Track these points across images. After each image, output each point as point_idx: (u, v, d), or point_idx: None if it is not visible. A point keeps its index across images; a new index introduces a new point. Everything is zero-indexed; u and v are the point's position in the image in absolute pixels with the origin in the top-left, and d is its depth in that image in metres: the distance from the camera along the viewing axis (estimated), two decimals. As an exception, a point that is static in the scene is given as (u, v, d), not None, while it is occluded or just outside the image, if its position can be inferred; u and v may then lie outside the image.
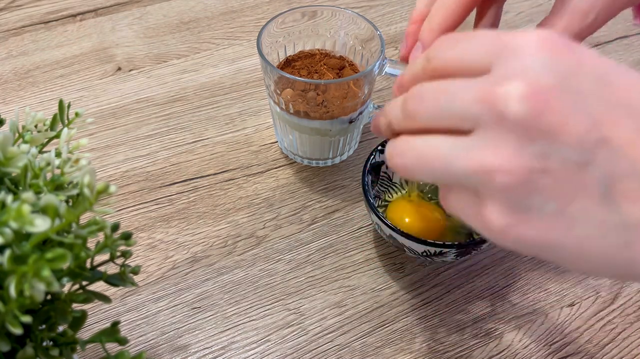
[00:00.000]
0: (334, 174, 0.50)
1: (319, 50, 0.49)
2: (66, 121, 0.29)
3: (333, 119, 0.45)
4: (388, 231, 0.39)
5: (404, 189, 0.46)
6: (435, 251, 0.39)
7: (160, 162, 0.51)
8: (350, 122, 0.46)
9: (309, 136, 0.46)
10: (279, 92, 0.44)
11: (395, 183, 0.46)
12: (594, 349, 0.40)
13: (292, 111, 0.45)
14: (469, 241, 0.38)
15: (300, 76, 0.46)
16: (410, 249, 0.40)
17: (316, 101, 0.43)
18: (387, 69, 0.45)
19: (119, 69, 0.59)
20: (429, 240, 0.38)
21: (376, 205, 0.41)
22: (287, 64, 0.48)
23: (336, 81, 0.43)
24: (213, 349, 0.40)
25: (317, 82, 0.43)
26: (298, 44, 0.49)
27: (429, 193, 0.46)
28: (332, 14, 0.48)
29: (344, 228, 0.47)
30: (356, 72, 0.48)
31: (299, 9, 0.47)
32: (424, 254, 0.40)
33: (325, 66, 0.48)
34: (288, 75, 0.42)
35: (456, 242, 0.38)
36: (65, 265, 0.20)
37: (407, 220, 0.42)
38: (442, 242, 0.38)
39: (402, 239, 0.39)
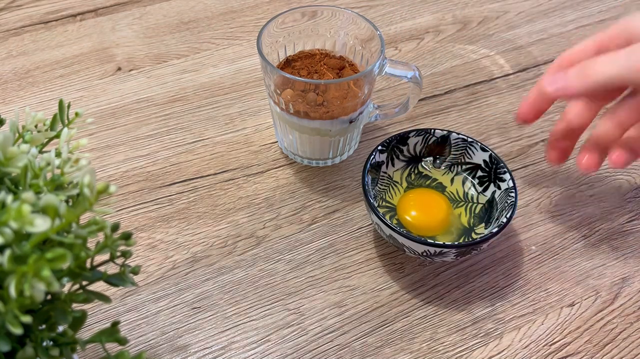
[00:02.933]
0: (334, 174, 0.50)
1: (319, 50, 0.49)
2: (66, 121, 0.29)
3: (333, 119, 0.45)
4: (388, 231, 0.39)
5: (401, 187, 0.46)
6: (435, 251, 0.39)
7: (160, 162, 0.51)
8: (351, 122, 0.46)
9: (309, 136, 0.46)
10: (279, 92, 0.44)
11: (397, 182, 0.46)
12: (594, 349, 0.40)
13: (292, 111, 0.45)
14: (469, 241, 0.38)
15: (300, 76, 0.46)
16: (410, 249, 0.40)
17: (316, 101, 0.43)
18: (387, 69, 0.45)
19: (119, 69, 0.59)
20: (429, 240, 0.38)
21: (376, 205, 0.41)
22: (287, 64, 0.48)
23: (336, 81, 0.44)
24: (213, 349, 0.40)
25: (317, 82, 0.43)
26: (298, 44, 0.49)
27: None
28: (332, 14, 0.48)
29: (344, 228, 0.47)
30: (356, 72, 0.48)
31: (299, 9, 0.47)
32: (424, 254, 0.40)
33: (325, 66, 0.48)
34: (288, 75, 0.42)
35: (456, 243, 0.38)
36: (65, 265, 0.20)
37: (413, 213, 0.43)
38: (442, 243, 0.38)
39: (402, 239, 0.39)
